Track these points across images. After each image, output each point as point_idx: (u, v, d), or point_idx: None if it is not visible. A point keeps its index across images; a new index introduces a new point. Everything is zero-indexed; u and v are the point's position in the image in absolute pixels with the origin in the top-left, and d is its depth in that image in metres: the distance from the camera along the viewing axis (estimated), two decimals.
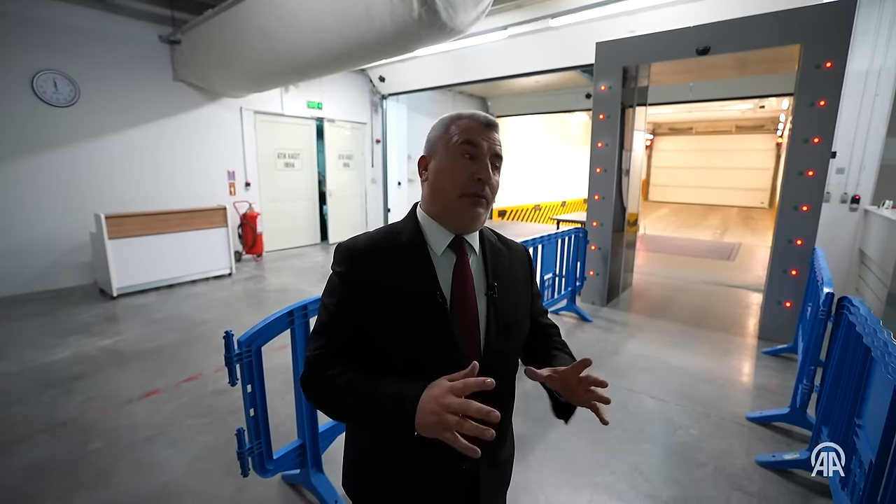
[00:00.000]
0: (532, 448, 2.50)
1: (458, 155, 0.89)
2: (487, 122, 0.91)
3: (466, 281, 0.92)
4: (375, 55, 4.55)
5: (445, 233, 0.92)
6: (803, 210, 3.79)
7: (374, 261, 0.89)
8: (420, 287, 0.88)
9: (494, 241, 1.02)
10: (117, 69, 5.76)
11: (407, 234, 0.93)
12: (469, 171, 0.88)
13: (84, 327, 4.30)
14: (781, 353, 3.76)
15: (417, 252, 0.91)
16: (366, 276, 0.88)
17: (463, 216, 0.90)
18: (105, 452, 2.47)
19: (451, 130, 0.90)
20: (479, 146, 0.89)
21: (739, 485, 2.24)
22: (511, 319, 0.96)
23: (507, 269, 1.00)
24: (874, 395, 1.60)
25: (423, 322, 0.88)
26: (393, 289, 0.88)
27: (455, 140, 0.89)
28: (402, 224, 0.96)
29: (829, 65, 3.53)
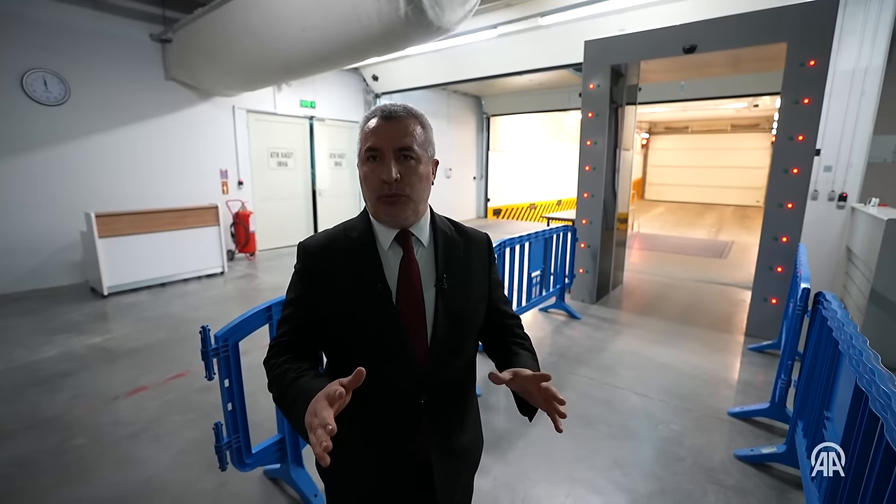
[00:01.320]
0: (512, 444, 2.52)
1: (367, 161, 0.91)
2: (388, 114, 0.90)
3: (412, 273, 0.95)
4: (364, 54, 4.56)
5: (389, 229, 0.96)
6: (788, 207, 3.81)
7: (326, 256, 0.96)
8: (365, 278, 0.94)
9: (450, 232, 1.04)
10: (108, 68, 5.76)
11: (358, 230, 0.98)
12: (376, 174, 0.90)
13: (73, 326, 4.31)
14: (767, 350, 3.79)
15: (366, 247, 0.96)
16: (317, 269, 0.95)
17: (384, 216, 0.94)
18: (89, 448, 2.48)
19: (362, 136, 0.93)
20: (379, 147, 0.89)
21: (717, 478, 2.26)
22: (462, 309, 0.98)
23: (460, 259, 1.02)
24: (841, 387, 1.62)
25: (368, 311, 0.92)
26: (342, 281, 0.94)
27: (361, 148, 0.93)
28: (355, 221, 1.01)
29: (812, 63, 3.55)
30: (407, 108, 0.93)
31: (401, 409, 0.94)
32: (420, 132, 0.92)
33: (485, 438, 2.64)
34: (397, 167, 0.89)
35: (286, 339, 0.97)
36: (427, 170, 0.96)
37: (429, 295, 0.96)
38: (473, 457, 1.11)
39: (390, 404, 0.94)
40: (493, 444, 2.52)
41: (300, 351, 0.96)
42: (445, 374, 0.97)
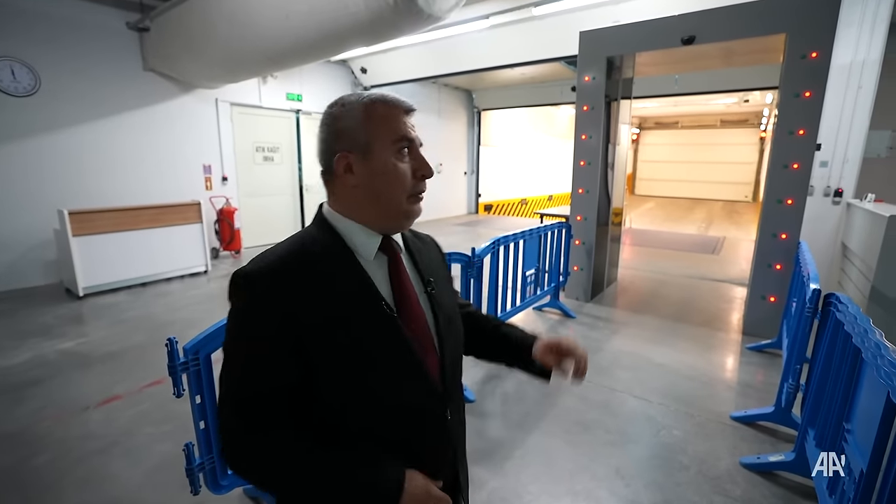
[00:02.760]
0: (509, 454, 2.39)
1: (398, 153, 0.79)
2: (410, 108, 0.82)
3: (405, 283, 0.84)
4: (352, 43, 4.37)
5: (373, 234, 0.82)
6: (788, 203, 3.73)
7: (296, 277, 0.74)
8: (360, 302, 0.77)
9: (411, 236, 0.95)
10: (82, 57, 5.48)
11: (324, 244, 0.79)
12: (410, 169, 0.80)
13: (45, 329, 4.09)
14: (766, 349, 3.71)
15: (345, 263, 0.79)
16: (290, 297, 0.72)
17: (407, 217, 0.82)
18: (53, 465, 2.30)
19: (379, 122, 0.78)
20: (413, 139, 0.81)
21: (722, 488, 2.15)
22: (452, 311, 0.92)
23: (431, 259, 0.94)
24: (865, 398, 1.51)
25: (375, 337, 0.76)
26: (328, 313, 0.74)
27: (391, 136, 0.78)
28: (314, 233, 0.81)
29: (814, 55, 3.45)
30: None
31: (433, 431, 0.84)
32: None
33: (479, 448, 2.51)
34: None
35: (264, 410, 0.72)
36: None
37: (423, 303, 0.86)
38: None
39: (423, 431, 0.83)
40: (488, 455, 2.39)
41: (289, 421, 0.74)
42: (459, 382, 0.92)
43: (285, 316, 0.71)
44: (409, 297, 0.83)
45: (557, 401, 2.94)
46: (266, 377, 0.72)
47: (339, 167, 0.78)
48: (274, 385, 0.72)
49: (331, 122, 0.80)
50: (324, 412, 0.76)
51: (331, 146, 0.79)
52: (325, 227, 0.82)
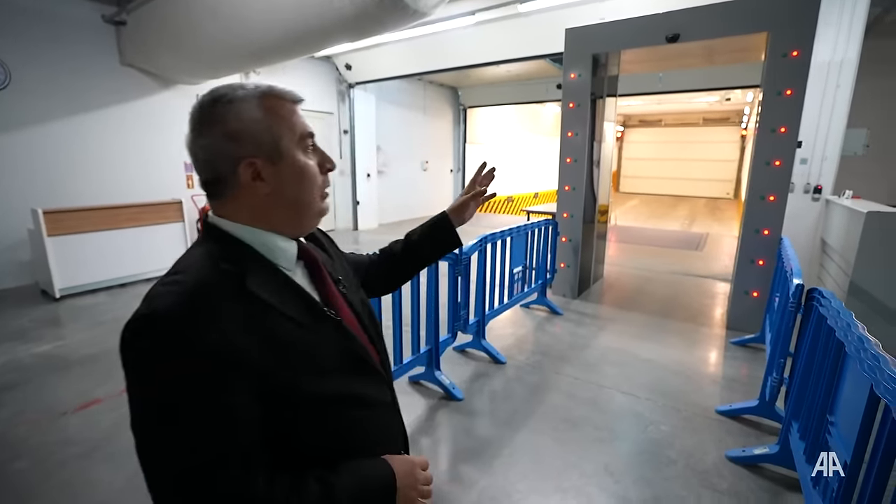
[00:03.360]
0: (497, 452, 2.38)
1: (306, 150, 0.74)
2: (298, 98, 0.76)
3: (328, 284, 0.80)
4: (336, 38, 4.32)
5: (288, 241, 0.75)
6: (770, 200, 3.79)
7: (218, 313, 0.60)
8: (302, 314, 0.70)
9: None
10: (55, 51, 5.30)
11: (239, 259, 0.67)
12: (315, 167, 0.75)
13: (20, 332, 3.96)
14: (749, 343, 3.77)
15: (270, 276, 0.70)
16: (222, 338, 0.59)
17: (320, 216, 0.78)
18: (32, 472, 2.23)
19: (281, 119, 0.71)
20: (312, 132, 0.75)
21: (710, 482, 2.18)
22: (363, 300, 0.91)
23: (334, 256, 0.92)
24: (847, 391, 1.54)
25: (325, 348, 0.72)
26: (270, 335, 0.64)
27: (296, 133, 0.72)
28: (219, 251, 0.68)
29: (795, 53, 3.51)
30: None
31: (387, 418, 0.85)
32: None
33: (468, 447, 2.49)
34: None
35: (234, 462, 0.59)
36: None
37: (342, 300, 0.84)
38: None
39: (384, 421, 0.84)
40: (476, 453, 2.38)
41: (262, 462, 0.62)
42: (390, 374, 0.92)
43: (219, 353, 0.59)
44: (337, 298, 0.80)
45: (545, 398, 2.95)
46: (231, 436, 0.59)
47: (246, 175, 0.68)
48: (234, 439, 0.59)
49: (219, 122, 0.68)
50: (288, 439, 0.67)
51: (226, 152, 0.67)
52: (230, 241, 0.70)
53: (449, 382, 2.96)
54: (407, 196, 11.12)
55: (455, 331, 3.22)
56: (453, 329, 3.20)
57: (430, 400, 2.89)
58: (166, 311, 0.59)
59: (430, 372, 3.00)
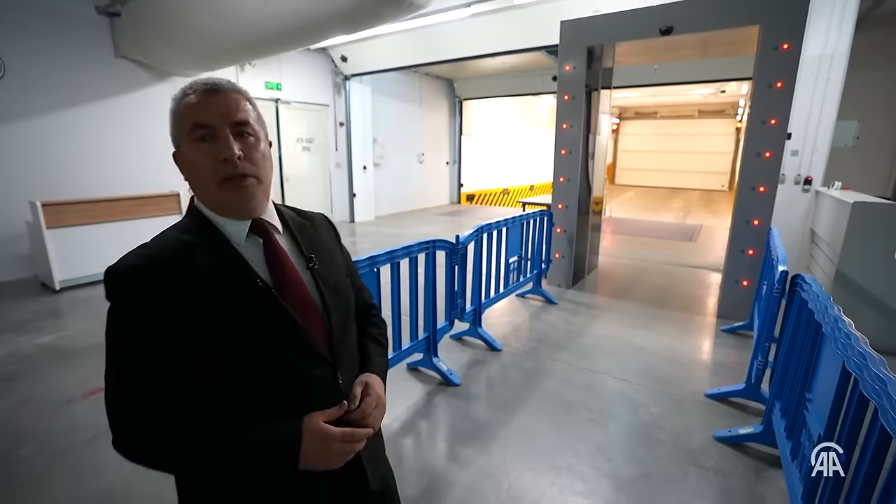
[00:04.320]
0: (495, 435, 2.47)
1: (194, 143, 0.79)
2: (211, 87, 0.80)
3: (281, 259, 0.86)
4: (332, 30, 4.34)
5: (239, 221, 0.83)
6: (760, 191, 3.87)
7: (166, 274, 0.75)
8: (234, 282, 0.79)
9: (294, 216, 0.98)
10: (50, 43, 5.29)
11: (195, 232, 0.80)
12: (211, 155, 0.78)
13: (21, 324, 4.00)
14: (738, 331, 3.87)
15: (218, 248, 0.80)
16: (160, 292, 0.73)
17: (233, 203, 0.81)
18: (38, 457, 2.29)
19: (178, 115, 0.80)
20: (210, 124, 0.78)
21: (697, 460, 2.27)
22: (337, 283, 0.95)
23: (315, 238, 0.97)
24: (824, 369, 1.62)
25: (253, 315, 0.79)
26: (203, 296, 0.76)
27: (183, 127, 0.79)
28: (185, 224, 0.82)
29: (786, 46, 3.57)
30: (230, 82, 0.83)
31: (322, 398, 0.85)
32: (251, 109, 0.83)
33: (465, 430, 2.56)
34: (238, 144, 0.79)
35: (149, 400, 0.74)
36: (267, 149, 0.86)
37: (306, 279, 0.88)
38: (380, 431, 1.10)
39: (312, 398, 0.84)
40: (474, 436, 2.46)
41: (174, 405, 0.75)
42: (349, 350, 0.95)
43: (156, 314, 0.73)
44: (288, 272, 0.85)
45: (540, 383, 3.03)
46: (143, 374, 0.74)
47: (176, 163, 0.83)
48: (152, 380, 0.74)
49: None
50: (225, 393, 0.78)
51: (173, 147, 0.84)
52: (197, 216, 0.83)
53: (447, 369, 3.03)
54: (403, 188, 11.15)
55: (452, 319, 3.29)
56: (450, 317, 3.27)
57: (429, 385, 2.97)
58: (122, 268, 0.74)
59: (428, 358, 3.07)
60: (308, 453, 0.77)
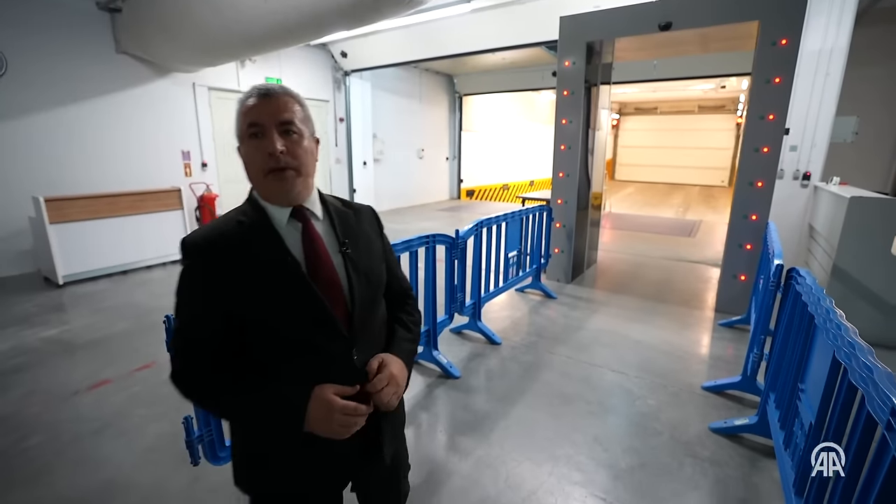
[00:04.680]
0: (494, 425, 2.51)
1: (249, 139, 0.93)
2: (264, 92, 0.93)
3: (315, 242, 0.98)
4: (332, 26, 4.35)
5: (283, 208, 0.97)
6: (758, 186, 3.89)
7: (220, 246, 0.91)
8: (270, 258, 0.93)
9: (338, 204, 1.09)
10: (51, 39, 5.30)
11: (248, 214, 0.96)
12: (260, 150, 0.91)
13: (25, 318, 4.04)
14: (736, 325, 3.91)
15: (262, 229, 0.95)
16: (216, 262, 0.90)
17: (276, 192, 0.95)
18: (45, 448, 2.33)
19: (241, 114, 0.94)
20: (261, 123, 0.91)
21: (693, 450, 2.31)
22: (368, 268, 1.05)
23: (354, 226, 1.07)
24: (816, 360, 1.65)
25: (283, 289, 0.92)
26: (246, 269, 0.91)
27: (241, 127, 0.94)
28: (243, 207, 0.99)
29: (784, 42, 3.58)
30: (283, 87, 0.97)
31: (338, 371, 0.95)
32: (298, 109, 0.96)
33: (465, 421, 2.60)
34: (281, 141, 0.92)
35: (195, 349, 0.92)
36: (311, 145, 0.99)
37: (336, 261, 0.99)
38: (401, 411, 1.21)
39: (328, 369, 0.95)
40: (473, 427, 2.50)
41: (222, 356, 0.92)
42: (370, 330, 1.03)
43: (211, 280, 0.90)
44: (320, 255, 0.97)
45: (539, 376, 3.07)
46: (196, 328, 0.92)
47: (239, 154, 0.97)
48: (203, 334, 0.92)
49: None
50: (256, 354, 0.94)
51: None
52: (252, 202, 0.99)
53: (446, 361, 3.07)
54: (403, 184, 11.16)
55: (452, 312, 3.33)
56: (450, 311, 3.31)
57: (429, 378, 3.01)
58: (192, 239, 0.92)
59: (428, 351, 3.11)
60: (312, 416, 0.87)
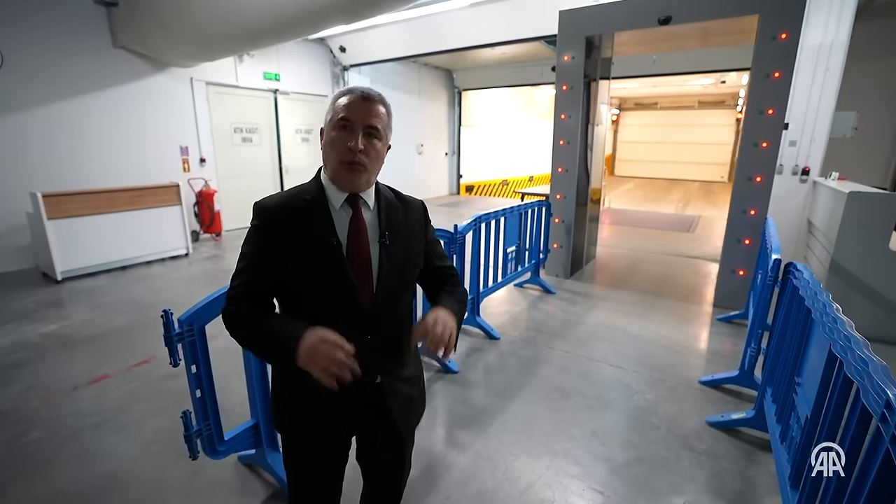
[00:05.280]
0: (492, 419, 2.52)
1: (337, 129, 1.04)
2: (364, 95, 1.04)
3: (360, 230, 1.10)
4: (330, 20, 4.33)
5: (341, 192, 1.09)
6: (757, 181, 3.89)
7: (283, 214, 1.05)
8: (319, 234, 1.06)
9: (391, 197, 1.19)
10: (47, 33, 5.27)
11: (312, 192, 1.09)
12: (344, 142, 1.03)
13: (24, 313, 4.04)
14: (734, 320, 3.92)
15: (319, 207, 1.08)
16: (276, 227, 1.05)
17: (343, 180, 1.07)
18: (46, 442, 2.34)
19: (334, 108, 1.05)
20: (353, 120, 1.03)
21: (690, 444, 2.33)
22: (401, 261, 1.15)
23: (399, 220, 1.17)
24: (813, 354, 1.66)
25: (322, 262, 1.05)
26: (298, 236, 1.05)
27: (334, 117, 1.04)
28: (309, 185, 1.12)
29: (784, 36, 3.57)
30: (381, 95, 1.07)
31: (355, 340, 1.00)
32: (385, 117, 1.08)
33: (463, 415, 2.61)
34: (363, 141, 1.03)
35: (244, 290, 1.05)
36: (384, 150, 1.11)
37: (374, 249, 1.11)
38: (419, 384, 1.29)
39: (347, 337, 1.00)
40: (472, 421, 2.52)
41: (259, 299, 1.06)
42: (389, 316, 1.14)
43: (270, 233, 1.04)
44: (360, 241, 1.09)
45: (538, 371, 3.08)
46: (251, 275, 1.06)
47: (321, 138, 1.10)
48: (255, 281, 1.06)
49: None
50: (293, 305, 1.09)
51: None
52: (317, 181, 1.12)
53: None
54: (402, 179, 11.09)
55: None
56: None
57: (427, 373, 3.02)
58: (262, 204, 1.07)
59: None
60: (303, 349, 0.93)
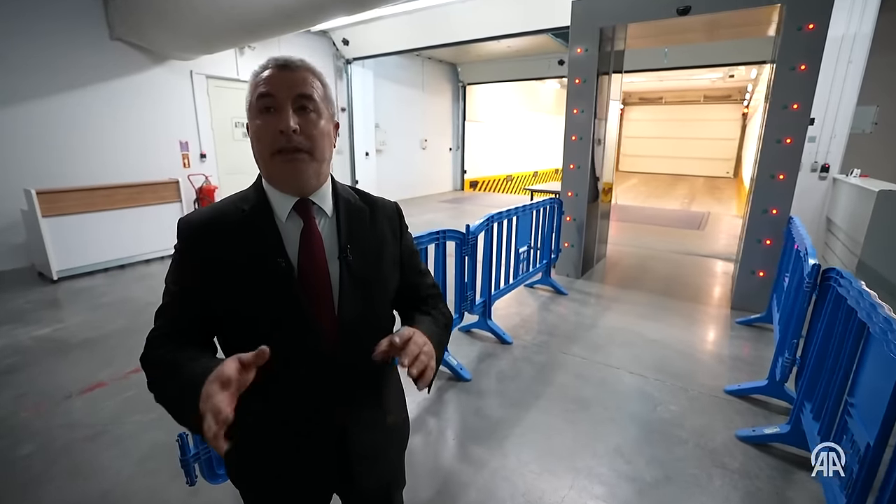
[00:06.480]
0: (509, 433, 2.38)
1: (259, 113, 0.81)
2: (283, 63, 0.81)
3: (313, 246, 0.87)
4: (332, 11, 4.17)
5: (287, 197, 0.86)
6: (780, 178, 3.73)
7: (213, 233, 0.84)
8: (262, 255, 0.83)
9: (353, 199, 0.95)
10: (39, 24, 5.09)
11: (251, 201, 0.86)
12: (271, 126, 0.79)
13: (18, 315, 3.90)
14: (755, 323, 3.77)
15: (261, 220, 0.85)
16: (204, 251, 0.83)
17: (283, 176, 0.84)
18: (37, 457, 2.20)
19: (252, 87, 0.82)
20: (275, 94, 0.79)
21: (721, 461, 2.18)
22: (370, 279, 0.92)
23: (366, 228, 0.94)
24: (870, 372, 1.52)
25: (268, 291, 0.83)
26: (234, 260, 0.82)
27: (252, 99, 0.82)
28: (247, 192, 0.89)
29: (811, 27, 3.40)
30: (303, 60, 0.84)
31: (311, 385, 0.87)
32: (319, 86, 0.84)
33: (478, 428, 2.46)
34: (296, 118, 0.80)
35: (166, 331, 0.83)
36: (329, 127, 0.86)
37: (333, 267, 0.88)
38: (397, 431, 1.06)
39: (299, 381, 0.87)
40: (488, 434, 2.38)
41: (185, 339, 0.83)
42: (359, 345, 0.86)
43: (197, 259, 0.83)
44: (314, 259, 0.86)
45: (553, 378, 2.94)
46: (177, 313, 0.85)
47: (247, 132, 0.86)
48: (182, 321, 0.84)
49: None
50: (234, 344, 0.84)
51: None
52: (257, 187, 0.89)
53: (456, 363, 2.94)
54: (406, 175, 10.98)
55: (462, 311, 3.19)
56: (460, 309, 3.17)
57: (438, 381, 2.88)
58: (186, 220, 0.86)
59: None
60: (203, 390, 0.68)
